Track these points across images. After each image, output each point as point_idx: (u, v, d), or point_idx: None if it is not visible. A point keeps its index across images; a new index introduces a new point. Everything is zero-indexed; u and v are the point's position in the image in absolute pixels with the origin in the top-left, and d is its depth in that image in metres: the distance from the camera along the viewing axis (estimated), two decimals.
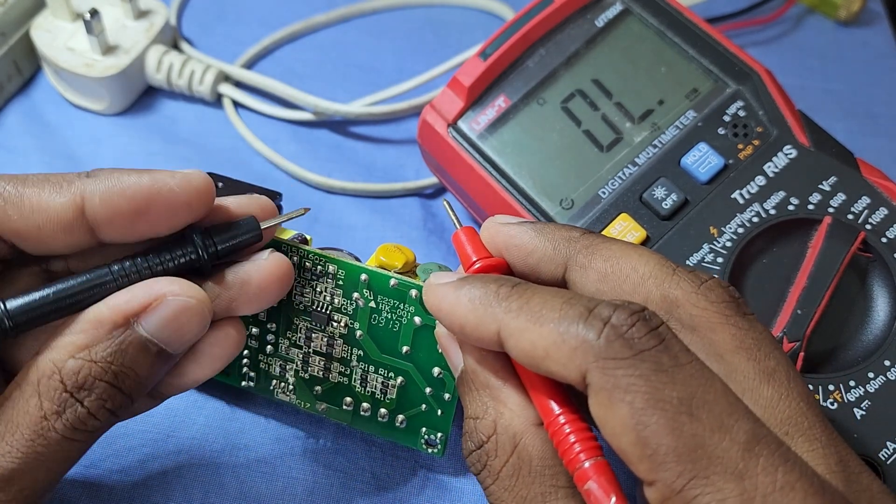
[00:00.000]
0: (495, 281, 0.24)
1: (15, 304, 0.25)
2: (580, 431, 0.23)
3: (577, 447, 0.22)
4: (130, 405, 0.25)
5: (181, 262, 0.26)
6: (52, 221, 0.25)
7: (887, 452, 0.29)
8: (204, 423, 0.34)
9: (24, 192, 0.25)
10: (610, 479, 0.21)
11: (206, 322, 0.26)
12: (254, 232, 0.27)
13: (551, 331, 0.22)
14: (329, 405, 0.32)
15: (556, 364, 0.22)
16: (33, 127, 0.45)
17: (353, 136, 0.46)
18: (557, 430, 0.23)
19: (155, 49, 0.45)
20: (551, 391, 0.24)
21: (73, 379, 0.24)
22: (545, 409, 0.24)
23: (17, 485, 0.24)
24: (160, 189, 0.25)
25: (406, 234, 0.42)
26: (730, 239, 0.32)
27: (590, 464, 0.22)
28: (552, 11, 0.36)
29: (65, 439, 0.24)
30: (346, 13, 0.51)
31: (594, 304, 0.22)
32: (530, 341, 0.22)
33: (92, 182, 0.25)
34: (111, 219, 0.25)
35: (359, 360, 0.31)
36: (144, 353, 0.25)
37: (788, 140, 0.33)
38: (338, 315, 0.30)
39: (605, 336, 0.21)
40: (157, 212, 0.25)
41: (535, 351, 0.22)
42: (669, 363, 0.21)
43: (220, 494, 0.32)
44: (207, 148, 0.45)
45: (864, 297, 0.31)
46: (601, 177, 0.34)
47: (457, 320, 0.24)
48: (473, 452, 0.25)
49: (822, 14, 0.53)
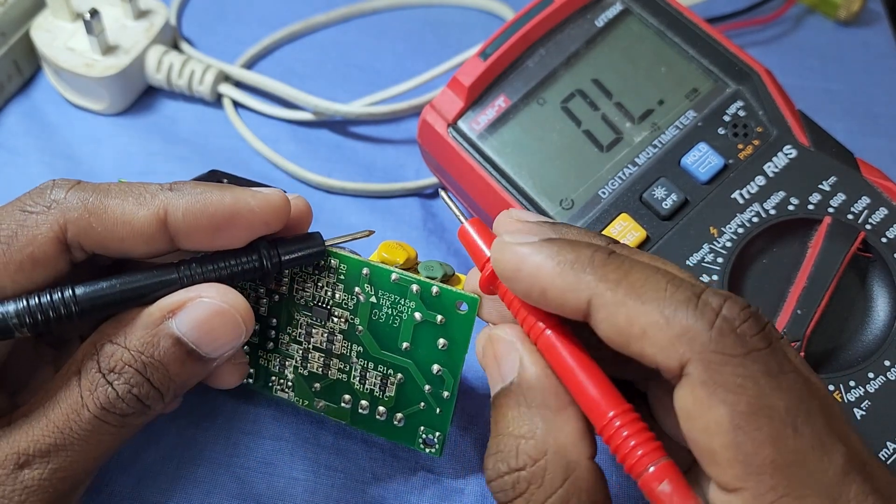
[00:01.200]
0: (588, 245, 0.23)
1: (83, 291, 0.26)
2: (642, 431, 0.21)
3: (641, 449, 0.21)
4: (161, 399, 0.26)
5: (246, 268, 0.27)
6: (135, 233, 0.26)
7: (887, 452, 0.29)
8: (204, 423, 0.34)
9: (108, 203, 0.26)
10: (684, 484, 0.21)
11: (241, 331, 0.27)
12: (319, 248, 0.28)
13: (654, 310, 0.21)
14: (327, 403, 0.32)
15: (652, 346, 0.21)
16: (33, 127, 0.45)
17: (353, 136, 0.46)
18: (614, 432, 0.21)
19: (155, 49, 0.45)
20: (605, 389, 0.22)
21: (106, 361, 0.25)
22: (596, 409, 0.22)
23: (52, 462, 0.25)
24: (241, 209, 0.26)
25: (406, 234, 0.42)
26: (730, 239, 0.32)
27: (656, 467, 0.21)
28: (552, 11, 0.37)
29: (95, 419, 0.25)
30: (346, 13, 0.51)
31: (700, 289, 0.21)
32: (627, 317, 0.21)
33: (175, 196, 0.26)
34: (192, 233, 0.26)
35: (358, 357, 0.31)
36: (176, 350, 0.26)
37: (788, 140, 0.33)
38: (339, 310, 0.30)
39: (717, 328, 0.20)
40: (236, 228, 0.26)
41: (630, 328, 0.21)
42: (777, 368, 0.20)
43: (220, 494, 0.32)
44: (207, 148, 0.45)
45: (864, 297, 0.31)
46: (601, 177, 0.34)
47: (539, 283, 0.22)
48: (508, 476, 0.23)
49: (822, 14, 0.53)
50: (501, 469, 0.23)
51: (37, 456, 0.25)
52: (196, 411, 0.34)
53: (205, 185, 0.27)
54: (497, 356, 0.25)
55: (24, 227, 0.25)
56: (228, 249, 0.27)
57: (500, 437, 0.23)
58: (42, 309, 0.25)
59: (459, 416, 0.35)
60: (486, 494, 0.33)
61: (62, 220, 0.26)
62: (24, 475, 0.25)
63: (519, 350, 0.24)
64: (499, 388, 0.24)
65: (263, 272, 0.28)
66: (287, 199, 0.27)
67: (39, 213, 0.26)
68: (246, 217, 0.26)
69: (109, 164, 0.43)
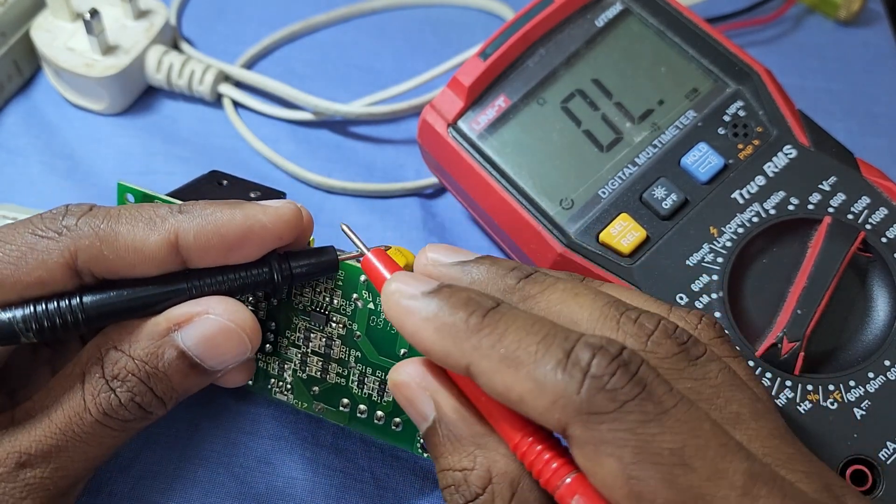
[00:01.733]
0: (465, 306, 0.23)
1: (90, 299, 0.26)
2: (555, 447, 0.22)
3: (555, 463, 0.22)
4: (163, 406, 0.27)
5: (257, 281, 0.27)
6: (146, 260, 0.26)
7: (887, 452, 0.29)
8: (203, 423, 0.34)
9: (119, 230, 0.26)
10: (593, 493, 0.21)
11: (246, 349, 0.27)
12: (331, 260, 0.28)
13: (527, 377, 0.21)
14: (326, 406, 0.32)
15: (533, 411, 0.21)
16: (33, 127, 0.45)
17: (353, 136, 0.46)
18: (527, 450, 0.22)
19: (155, 49, 0.45)
20: (512, 416, 0.23)
21: (110, 368, 0.26)
22: (508, 433, 0.23)
23: (53, 462, 0.25)
24: (252, 226, 0.26)
25: (406, 235, 0.42)
26: (730, 239, 0.32)
27: (570, 479, 0.21)
28: (552, 11, 0.36)
29: (97, 423, 0.25)
30: (346, 13, 0.51)
31: (572, 345, 0.21)
32: (504, 385, 0.21)
33: (186, 219, 0.26)
34: (204, 254, 0.26)
35: (356, 362, 0.31)
36: (180, 362, 0.26)
37: (788, 140, 0.33)
38: (337, 315, 0.30)
39: (586, 390, 0.20)
40: (249, 246, 0.26)
41: (509, 394, 0.21)
42: (655, 411, 0.20)
43: (220, 494, 0.32)
44: (207, 148, 0.45)
45: (864, 297, 0.31)
46: (601, 177, 0.34)
47: (422, 345, 0.23)
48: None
49: (822, 14, 0.53)
50: (459, 501, 0.23)
51: (38, 456, 0.25)
52: (196, 411, 0.34)
53: (215, 205, 0.27)
54: (409, 400, 0.25)
55: (34, 250, 0.25)
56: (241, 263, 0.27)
57: (445, 472, 0.24)
58: (49, 316, 0.25)
59: None
60: None
61: (73, 248, 0.26)
62: (25, 474, 0.25)
63: (429, 387, 0.24)
64: (424, 427, 0.24)
65: (274, 285, 0.28)
66: (299, 210, 0.27)
67: (50, 239, 0.26)
68: (258, 234, 0.26)
69: (109, 164, 0.43)
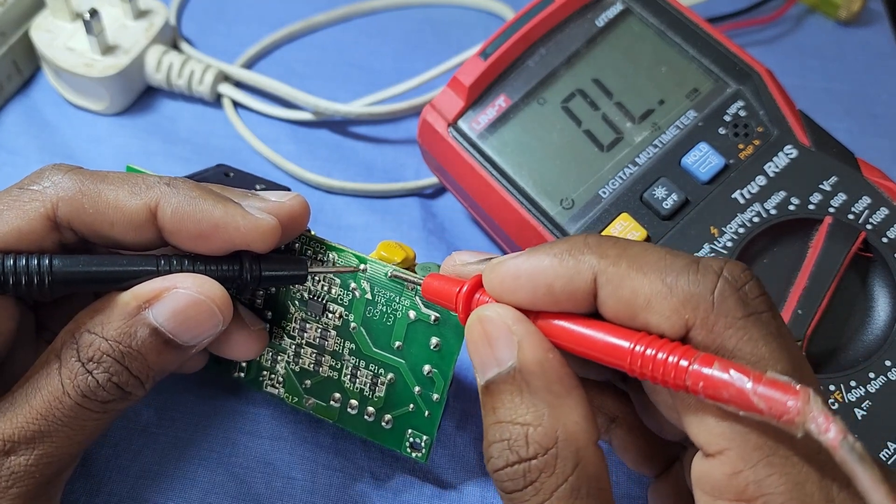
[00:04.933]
0: (573, 237, 0.23)
1: (59, 262, 0.26)
2: (665, 347, 0.20)
3: (675, 355, 0.20)
4: (141, 385, 0.27)
5: (226, 275, 0.27)
6: (124, 220, 0.26)
7: (888, 452, 0.29)
8: (203, 423, 0.34)
9: (103, 188, 0.26)
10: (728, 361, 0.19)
11: (218, 320, 0.27)
12: (300, 272, 0.29)
13: (656, 280, 0.21)
14: (317, 401, 0.32)
15: (657, 315, 0.20)
16: (33, 127, 0.45)
17: (353, 136, 0.46)
18: (643, 354, 0.20)
19: (155, 49, 0.45)
20: (621, 331, 0.21)
21: (84, 351, 0.25)
22: (617, 351, 0.21)
23: (38, 449, 0.25)
24: (227, 224, 0.26)
25: (406, 234, 0.42)
26: (730, 239, 0.32)
27: (700, 356, 0.20)
28: (552, 11, 0.36)
29: (77, 406, 0.25)
30: (345, 13, 0.51)
31: (698, 257, 0.21)
32: (632, 289, 0.21)
33: (170, 192, 0.26)
34: (175, 232, 0.27)
35: (350, 354, 0.31)
36: (153, 339, 0.26)
37: (789, 140, 0.33)
38: (333, 305, 0.30)
39: (719, 290, 0.20)
40: (217, 240, 0.27)
41: (636, 299, 0.21)
42: (777, 332, 0.20)
43: (219, 494, 0.32)
44: (207, 148, 0.44)
45: (865, 297, 0.31)
46: (602, 176, 0.34)
47: (543, 279, 0.22)
48: (518, 465, 0.22)
49: (823, 14, 0.53)
50: (511, 458, 0.22)
51: (22, 442, 0.25)
52: (195, 411, 0.34)
53: (202, 190, 0.27)
54: (490, 338, 0.23)
55: (17, 201, 0.26)
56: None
57: (502, 424, 0.22)
58: (16, 271, 0.25)
59: (454, 415, 0.35)
60: (483, 493, 0.33)
61: (54, 198, 0.26)
62: (10, 461, 0.25)
63: (516, 332, 0.22)
64: (494, 373, 0.22)
65: (241, 283, 0.28)
66: (278, 227, 0.27)
67: (33, 191, 0.26)
68: (229, 233, 0.26)
69: (109, 164, 0.43)
